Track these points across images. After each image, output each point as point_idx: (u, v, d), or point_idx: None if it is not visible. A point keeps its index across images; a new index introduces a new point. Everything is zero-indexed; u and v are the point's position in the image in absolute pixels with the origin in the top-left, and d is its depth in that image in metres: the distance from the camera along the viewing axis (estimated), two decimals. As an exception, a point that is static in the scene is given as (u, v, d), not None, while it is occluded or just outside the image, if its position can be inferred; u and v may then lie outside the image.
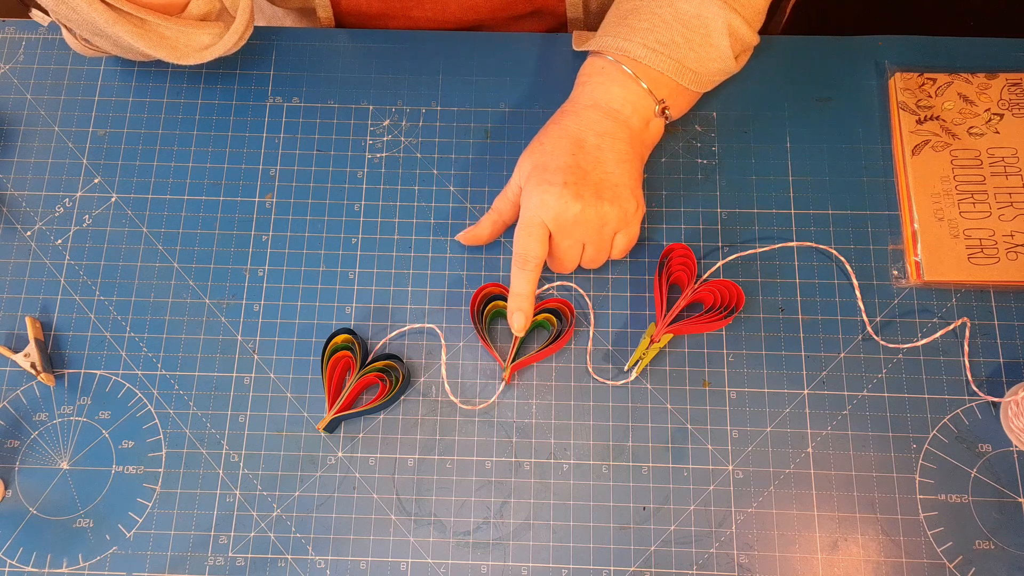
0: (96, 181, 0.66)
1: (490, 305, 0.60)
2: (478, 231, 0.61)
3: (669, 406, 0.60)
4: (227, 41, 0.61)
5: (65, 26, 0.61)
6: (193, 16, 0.59)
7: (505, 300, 0.60)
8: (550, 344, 0.59)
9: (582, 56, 0.64)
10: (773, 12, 0.98)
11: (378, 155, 0.66)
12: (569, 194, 0.55)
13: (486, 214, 0.62)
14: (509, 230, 0.63)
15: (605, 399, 0.60)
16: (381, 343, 0.61)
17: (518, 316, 0.58)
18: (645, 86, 0.59)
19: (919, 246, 0.61)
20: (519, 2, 0.73)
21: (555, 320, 0.60)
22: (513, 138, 0.66)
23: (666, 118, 0.61)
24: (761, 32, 0.64)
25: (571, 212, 0.55)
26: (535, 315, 0.60)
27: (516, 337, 0.59)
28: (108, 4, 0.55)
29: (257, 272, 0.64)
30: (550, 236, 0.57)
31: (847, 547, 0.57)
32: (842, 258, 0.62)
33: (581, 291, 0.62)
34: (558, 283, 0.63)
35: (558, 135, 0.58)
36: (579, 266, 0.61)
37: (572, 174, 0.56)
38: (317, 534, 0.58)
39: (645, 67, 0.59)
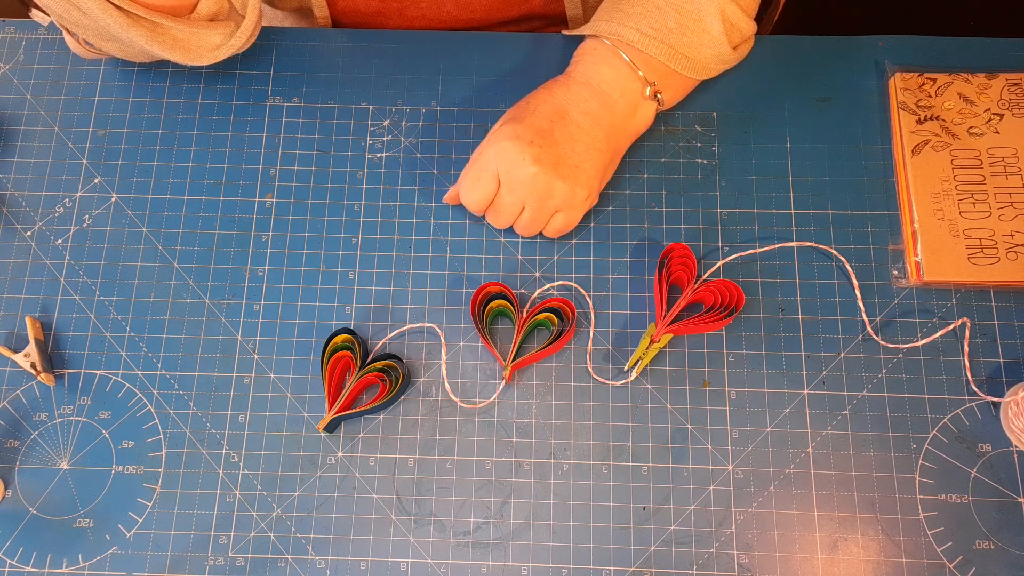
0: (96, 181, 0.66)
1: (490, 304, 0.60)
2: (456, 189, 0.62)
3: (669, 406, 0.60)
4: (238, 39, 0.61)
5: (67, 29, 0.61)
6: (202, 17, 0.59)
7: (505, 299, 0.60)
8: (551, 344, 0.59)
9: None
10: (765, 8, 0.98)
11: (378, 155, 0.66)
12: (530, 155, 0.56)
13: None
14: (509, 231, 0.63)
15: (605, 399, 0.60)
16: (381, 343, 0.61)
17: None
18: (641, 74, 0.59)
19: (919, 246, 0.61)
20: (515, 4, 0.74)
21: (556, 320, 0.60)
22: (513, 138, 0.66)
23: (659, 103, 0.61)
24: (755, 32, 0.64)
25: (524, 172, 0.56)
26: (536, 315, 0.60)
27: (517, 336, 0.59)
28: (121, 10, 0.55)
29: (257, 272, 0.63)
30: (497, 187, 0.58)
31: (847, 547, 0.57)
32: (842, 258, 0.62)
33: (582, 291, 0.62)
34: (559, 283, 0.63)
35: (544, 99, 0.59)
36: (512, 228, 0.61)
37: (542, 137, 0.56)
38: (317, 534, 0.58)
39: (637, 51, 0.59)
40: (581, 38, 0.64)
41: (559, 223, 0.59)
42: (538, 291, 0.62)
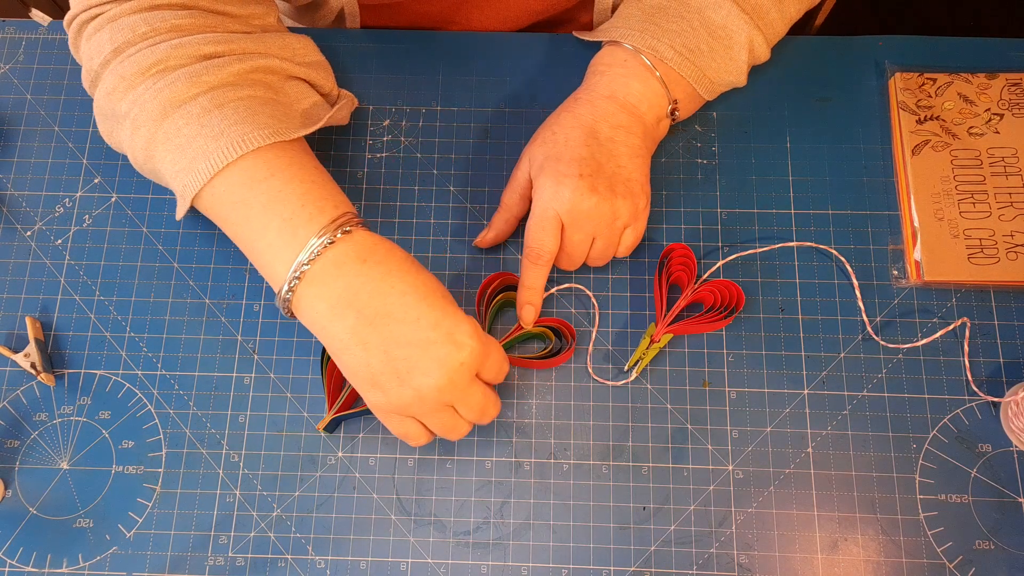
0: (96, 181, 0.66)
1: (499, 297, 0.60)
2: (493, 232, 0.61)
3: (669, 406, 0.60)
4: None
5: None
6: None
7: (514, 291, 0.60)
8: (546, 358, 0.59)
9: (582, 56, 0.64)
10: (804, 25, 0.98)
11: (378, 155, 0.66)
12: (585, 187, 0.55)
13: (497, 212, 0.61)
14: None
15: (605, 399, 0.60)
16: (381, 343, 0.61)
17: (528, 309, 0.59)
18: (664, 82, 0.59)
19: (919, 246, 0.61)
20: (546, 12, 0.72)
21: (553, 336, 0.60)
22: (513, 138, 0.66)
23: (673, 119, 0.61)
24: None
25: (585, 205, 0.55)
26: (536, 327, 0.60)
27: (509, 336, 0.59)
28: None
29: (257, 272, 0.63)
30: (562, 229, 0.57)
31: (847, 547, 0.57)
32: (842, 258, 0.62)
33: (585, 290, 0.62)
34: (562, 286, 0.62)
35: (571, 124, 0.58)
36: (584, 263, 0.60)
37: (587, 166, 0.56)
38: (317, 534, 0.58)
39: (668, 68, 0.59)
40: (593, 42, 0.63)
41: (629, 239, 0.59)
42: (538, 291, 0.62)
